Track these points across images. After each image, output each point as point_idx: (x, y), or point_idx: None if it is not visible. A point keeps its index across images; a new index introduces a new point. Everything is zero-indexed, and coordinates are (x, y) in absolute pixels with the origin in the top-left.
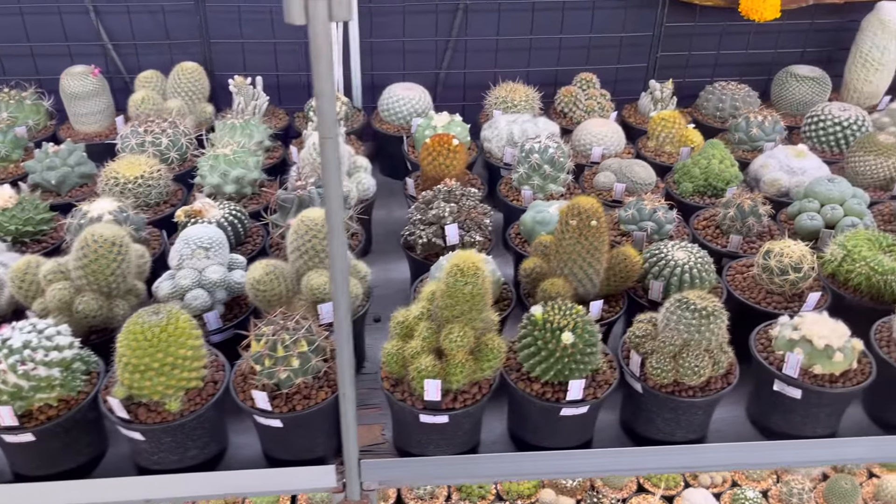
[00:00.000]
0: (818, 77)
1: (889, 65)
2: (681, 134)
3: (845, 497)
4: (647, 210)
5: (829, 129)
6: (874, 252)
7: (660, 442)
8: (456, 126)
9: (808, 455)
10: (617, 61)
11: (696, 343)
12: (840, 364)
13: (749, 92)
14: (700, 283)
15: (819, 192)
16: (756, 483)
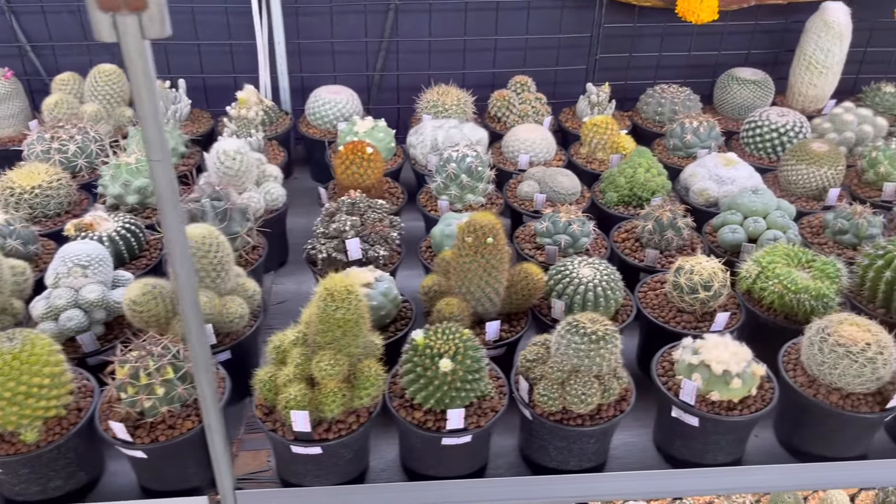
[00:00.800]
0: (760, 80)
1: (834, 67)
2: (613, 140)
3: None
4: (561, 223)
5: (766, 135)
6: (789, 269)
7: (553, 471)
8: (379, 132)
9: (708, 483)
10: (555, 63)
11: (586, 369)
12: (738, 391)
13: (690, 95)
14: (605, 301)
15: (742, 203)
16: (698, 497)
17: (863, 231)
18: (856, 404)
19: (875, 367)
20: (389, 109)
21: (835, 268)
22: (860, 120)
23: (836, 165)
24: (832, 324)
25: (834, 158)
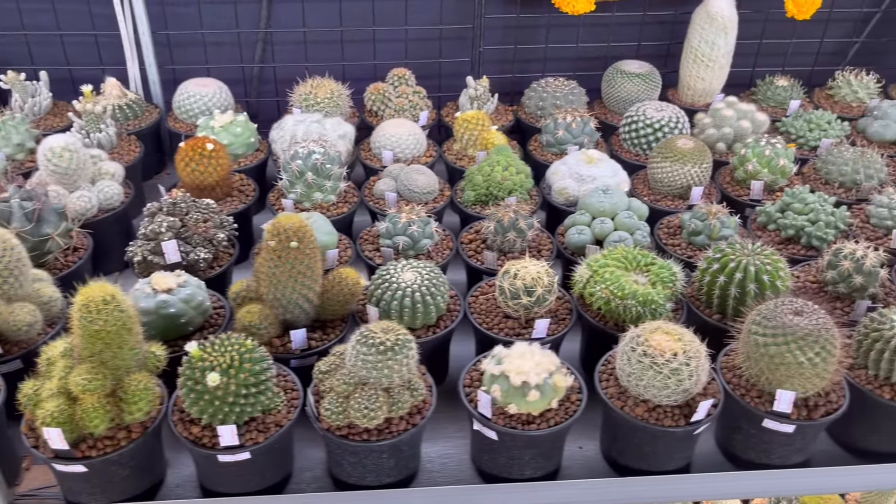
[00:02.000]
0: (646, 73)
1: (720, 60)
2: (483, 136)
3: None
4: (400, 223)
5: (642, 130)
6: (618, 273)
7: (351, 487)
8: (237, 126)
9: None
10: (439, 56)
11: (375, 381)
12: (536, 403)
13: (574, 89)
14: (423, 308)
15: (590, 203)
16: None
17: (715, 232)
18: (660, 417)
19: (680, 379)
20: (270, 103)
21: (670, 272)
22: (739, 115)
23: (701, 163)
24: (644, 332)
25: (699, 156)
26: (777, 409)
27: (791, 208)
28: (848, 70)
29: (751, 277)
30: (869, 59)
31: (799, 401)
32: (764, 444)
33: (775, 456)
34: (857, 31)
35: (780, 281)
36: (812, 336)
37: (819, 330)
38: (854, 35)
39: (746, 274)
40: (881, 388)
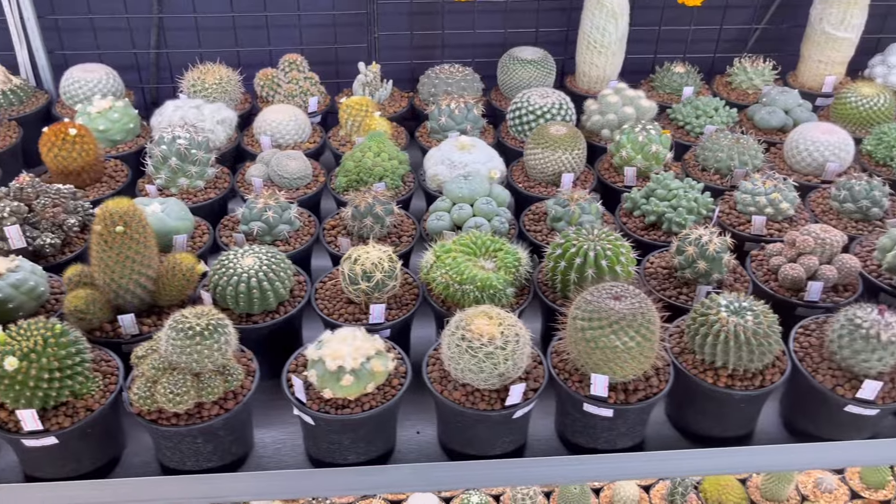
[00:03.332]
0: (540, 60)
1: (612, 47)
2: (367, 122)
3: (573, 501)
4: (256, 209)
5: (525, 117)
6: (461, 259)
7: (174, 471)
8: (115, 112)
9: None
10: (334, 41)
11: (185, 365)
12: (351, 388)
13: (468, 76)
14: (260, 293)
15: (450, 190)
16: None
17: (575, 218)
18: (476, 401)
19: (495, 363)
20: (169, 89)
21: (514, 257)
22: (624, 102)
23: (573, 149)
24: (466, 317)
25: (571, 142)
26: (594, 394)
27: (655, 194)
28: (747, 57)
29: (590, 263)
30: (772, 45)
31: (618, 385)
32: (590, 427)
33: (602, 440)
34: (759, 18)
35: (619, 266)
36: (626, 320)
37: (635, 314)
38: (755, 22)
39: (586, 259)
40: (705, 372)
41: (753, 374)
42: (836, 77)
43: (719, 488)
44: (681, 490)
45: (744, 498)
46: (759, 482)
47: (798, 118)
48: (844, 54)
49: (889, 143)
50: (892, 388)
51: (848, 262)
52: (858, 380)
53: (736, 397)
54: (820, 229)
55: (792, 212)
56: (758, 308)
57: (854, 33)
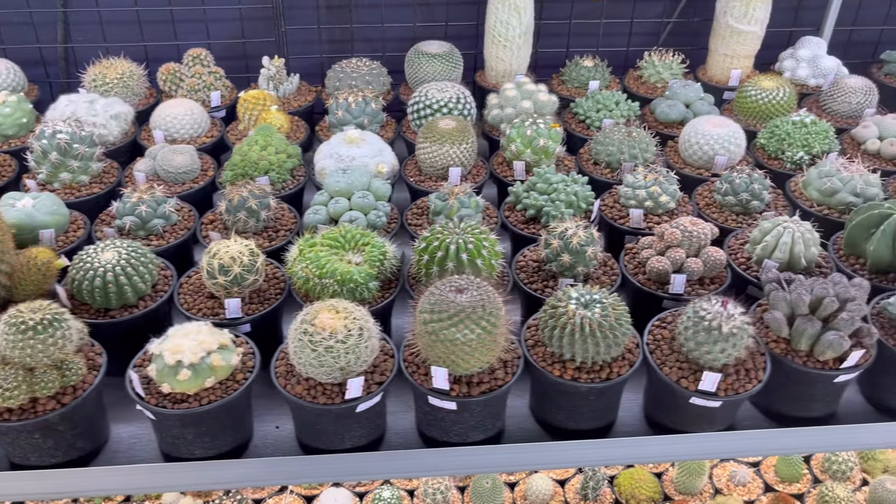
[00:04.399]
0: (446, 54)
1: (516, 41)
2: (264, 116)
3: (485, 496)
4: (129, 204)
5: (422, 111)
6: (324, 253)
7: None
8: (6, 107)
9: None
10: (241, 36)
11: (18, 360)
12: (188, 383)
13: (374, 69)
14: (117, 288)
15: (328, 184)
16: (408, 482)
17: (453, 212)
18: (316, 395)
19: (335, 357)
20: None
21: (380, 251)
22: (523, 96)
23: (461, 143)
24: (313, 311)
25: (460, 136)
26: (436, 386)
27: (536, 188)
28: (657, 51)
29: (451, 256)
30: (685, 39)
31: (462, 378)
32: (440, 421)
33: (454, 433)
34: (671, 12)
35: (480, 259)
36: (466, 312)
37: (475, 307)
38: (666, 16)
39: (447, 252)
40: (553, 365)
41: (601, 366)
42: (743, 71)
43: (633, 482)
44: (592, 484)
45: (657, 492)
46: (674, 476)
47: (698, 111)
48: (749, 48)
49: (780, 137)
50: (736, 380)
51: (714, 255)
52: (704, 372)
53: (582, 390)
54: (689, 222)
55: (672, 205)
56: (608, 301)
57: (758, 27)
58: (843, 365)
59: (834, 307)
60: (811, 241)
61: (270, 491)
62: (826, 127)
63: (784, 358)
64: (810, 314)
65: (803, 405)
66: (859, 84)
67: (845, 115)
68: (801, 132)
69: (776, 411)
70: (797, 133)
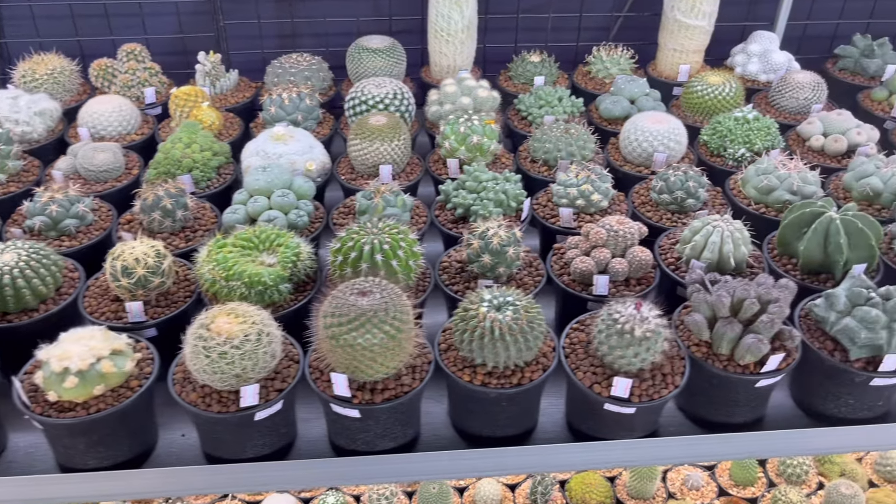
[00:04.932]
0: (388, 48)
1: (459, 35)
2: (194, 113)
3: (433, 501)
4: (40, 203)
5: (359, 107)
6: (233, 254)
7: None
8: None
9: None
10: (179, 30)
11: None
12: (75, 391)
13: (314, 65)
14: (14, 291)
15: (247, 182)
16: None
17: (379, 211)
18: (210, 403)
19: (230, 363)
20: None
21: (293, 252)
22: (463, 92)
23: (392, 140)
24: (211, 315)
25: (391, 132)
26: (337, 393)
27: (465, 186)
28: (606, 46)
29: (364, 257)
30: (636, 34)
31: (367, 384)
32: (346, 429)
33: (360, 442)
34: (621, 6)
35: (396, 260)
36: (367, 316)
37: (377, 310)
38: (615, 10)
39: (361, 253)
40: (463, 370)
41: (513, 371)
42: (692, 66)
43: (584, 487)
44: (541, 489)
45: (609, 496)
46: (626, 480)
47: (643, 107)
48: (698, 42)
49: (722, 133)
50: (652, 386)
51: (639, 256)
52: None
53: (492, 395)
54: (616, 222)
55: (605, 203)
56: (521, 303)
57: (706, 21)
58: (764, 369)
59: (754, 309)
60: (741, 241)
61: (213, 497)
62: (769, 123)
63: (704, 362)
64: (731, 317)
65: (728, 410)
66: (807, 79)
67: (793, 111)
68: (743, 128)
69: (701, 417)
70: (739, 129)
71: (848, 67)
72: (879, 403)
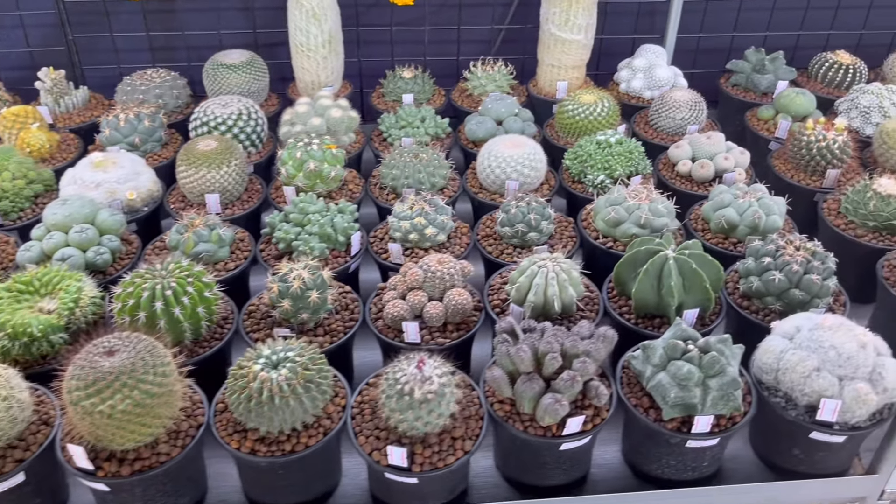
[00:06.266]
0: (247, 63)
1: (320, 50)
2: (22, 136)
3: None
4: None
5: (200, 128)
6: (4, 301)
7: None
8: None
9: None
10: (26, 45)
11: None
12: None
13: (168, 82)
14: None
15: (45, 216)
16: None
17: (189, 247)
18: None
19: None
20: None
21: (72, 298)
22: (317, 112)
23: (221, 166)
24: None
25: (220, 158)
26: (79, 465)
27: (290, 218)
28: (487, 61)
29: (143, 305)
30: (521, 47)
31: (117, 453)
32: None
33: None
34: (503, 18)
35: (179, 308)
36: (107, 380)
37: (121, 373)
38: (497, 22)
39: (139, 302)
40: (232, 435)
41: (288, 436)
42: (572, 82)
43: None
44: None
45: None
46: None
47: (510, 129)
48: (575, 57)
49: (582, 158)
50: (437, 453)
51: (455, 299)
52: (401, 443)
53: (262, 465)
54: (436, 261)
55: (442, 238)
56: (302, 359)
57: (582, 34)
58: (565, 431)
59: (555, 365)
60: (568, 282)
61: None
62: (632, 147)
63: (505, 422)
64: (534, 372)
65: (538, 473)
66: (685, 98)
67: (671, 132)
68: (603, 153)
69: (515, 478)
70: (599, 154)
71: (740, 83)
72: (704, 464)
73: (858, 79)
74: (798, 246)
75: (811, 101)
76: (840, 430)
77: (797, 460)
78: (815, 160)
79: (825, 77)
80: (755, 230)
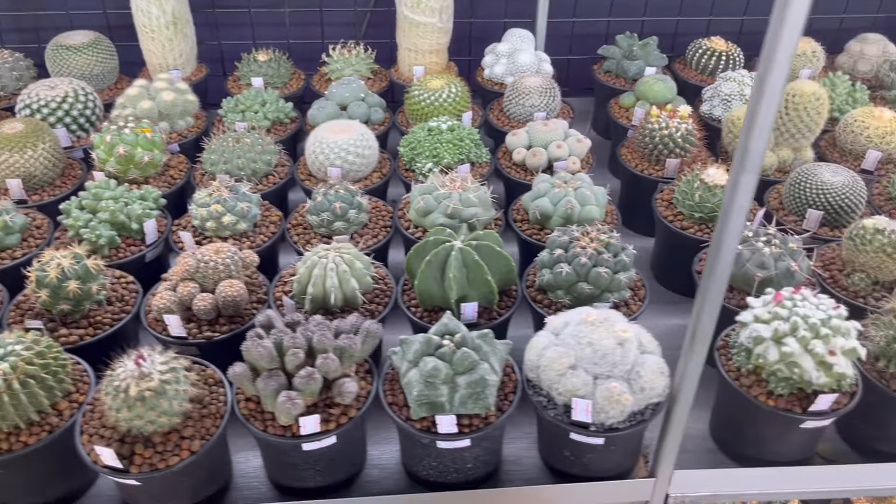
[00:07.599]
0: (91, 43)
1: (164, 32)
2: None
3: None
4: None
5: (23, 112)
6: None
7: None
8: None
9: None
10: None
11: None
12: None
13: (7, 61)
14: None
15: None
16: None
17: None
18: None
19: None
20: None
21: None
22: (149, 94)
23: (25, 149)
24: None
25: (24, 141)
26: None
27: (84, 204)
28: (348, 45)
29: None
30: (390, 31)
31: None
32: None
33: None
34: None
35: None
36: None
37: None
38: (364, 4)
39: None
40: None
41: (7, 434)
42: (429, 67)
43: None
44: None
45: None
46: None
47: (354, 114)
48: (431, 41)
49: (413, 145)
50: (159, 453)
51: (226, 291)
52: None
53: None
54: (213, 250)
55: (244, 226)
56: (29, 352)
57: (436, 17)
58: (304, 431)
59: (297, 361)
60: (349, 274)
61: None
62: (466, 133)
63: (247, 422)
64: (279, 369)
65: (292, 475)
66: (536, 84)
67: (522, 119)
68: (433, 140)
69: (276, 481)
70: (428, 141)
71: (611, 70)
72: (468, 466)
73: (733, 65)
74: (593, 237)
75: (670, 89)
76: (597, 432)
77: (569, 462)
78: (657, 149)
79: (699, 64)
80: (569, 221)
